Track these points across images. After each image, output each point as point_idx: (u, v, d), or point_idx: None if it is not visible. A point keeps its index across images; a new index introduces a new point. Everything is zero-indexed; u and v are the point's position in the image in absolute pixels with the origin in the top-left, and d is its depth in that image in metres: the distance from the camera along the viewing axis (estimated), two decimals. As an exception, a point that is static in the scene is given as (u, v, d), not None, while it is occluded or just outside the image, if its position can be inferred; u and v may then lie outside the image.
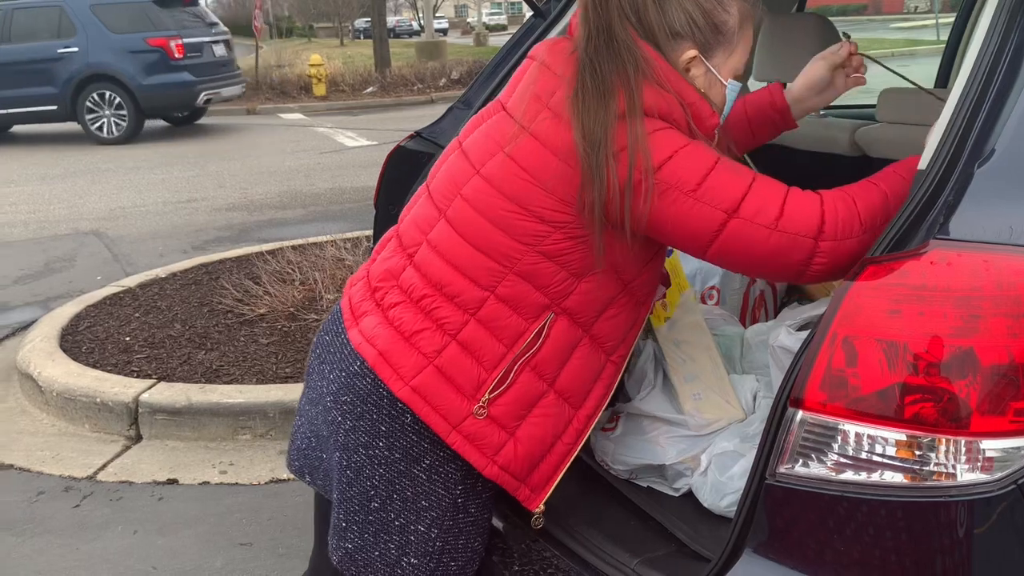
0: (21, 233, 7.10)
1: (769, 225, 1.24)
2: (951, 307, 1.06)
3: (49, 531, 2.97)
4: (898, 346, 1.07)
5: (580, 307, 1.36)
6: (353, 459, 1.44)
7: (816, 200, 1.27)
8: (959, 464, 1.05)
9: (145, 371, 3.85)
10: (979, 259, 1.07)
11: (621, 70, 1.29)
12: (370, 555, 1.46)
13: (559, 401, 1.39)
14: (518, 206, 1.33)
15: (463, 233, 1.38)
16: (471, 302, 1.36)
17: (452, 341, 1.37)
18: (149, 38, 11.83)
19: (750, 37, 1.41)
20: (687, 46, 1.34)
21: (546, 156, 1.31)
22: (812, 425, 1.11)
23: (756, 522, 1.17)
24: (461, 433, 1.37)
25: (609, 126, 1.26)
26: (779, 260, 1.27)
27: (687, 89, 1.33)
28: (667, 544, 1.48)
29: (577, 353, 1.39)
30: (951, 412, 1.05)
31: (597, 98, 1.28)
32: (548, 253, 1.33)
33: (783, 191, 1.28)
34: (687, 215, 1.26)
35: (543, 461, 1.41)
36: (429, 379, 1.38)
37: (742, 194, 1.26)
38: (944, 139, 1.18)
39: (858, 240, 1.25)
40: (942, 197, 1.14)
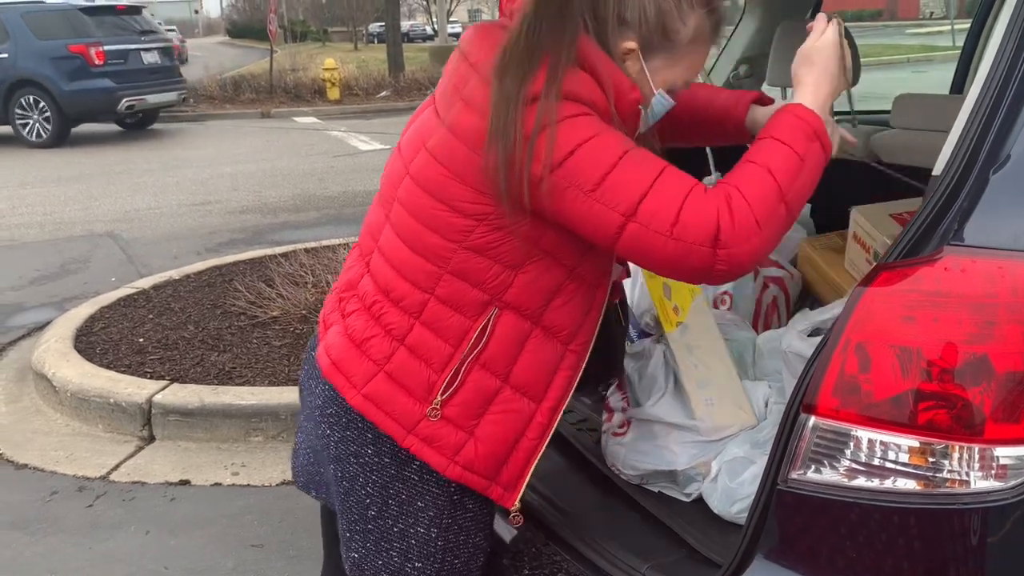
0: (37, 235, 7.15)
1: (664, 232, 1.19)
2: (966, 313, 1.05)
3: (62, 530, 2.98)
4: (912, 352, 1.07)
5: (523, 299, 1.33)
6: (347, 469, 1.44)
7: (713, 206, 1.19)
8: (973, 471, 1.04)
9: (158, 372, 3.87)
10: (994, 265, 1.06)
11: (556, 41, 1.24)
12: (375, 564, 1.46)
13: (516, 396, 1.37)
14: (440, 202, 1.31)
15: (401, 236, 1.38)
16: (414, 305, 1.36)
17: (400, 346, 1.38)
18: (70, 45, 12.14)
19: (700, 57, 1.36)
20: (630, 36, 1.30)
21: (457, 146, 1.29)
22: (824, 431, 1.11)
23: (767, 528, 1.17)
24: (417, 436, 1.37)
25: (521, 106, 1.22)
26: (680, 266, 1.21)
27: (611, 69, 1.29)
28: (678, 549, 1.48)
29: (529, 346, 1.36)
30: (965, 419, 1.05)
31: (520, 65, 1.23)
32: (476, 248, 1.30)
33: (683, 194, 1.20)
34: (586, 214, 1.22)
35: (510, 458, 1.39)
36: (380, 385, 1.38)
37: (640, 196, 1.20)
38: (959, 145, 1.17)
39: (758, 237, 1.19)
40: (957, 203, 1.14)
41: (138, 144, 12.57)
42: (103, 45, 12.23)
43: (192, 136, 13.32)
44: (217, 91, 17.13)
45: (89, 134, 12.93)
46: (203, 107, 16.39)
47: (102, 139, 12.38)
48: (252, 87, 17.33)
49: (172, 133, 13.81)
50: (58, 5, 12.86)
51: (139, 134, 13.62)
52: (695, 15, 1.32)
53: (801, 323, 1.41)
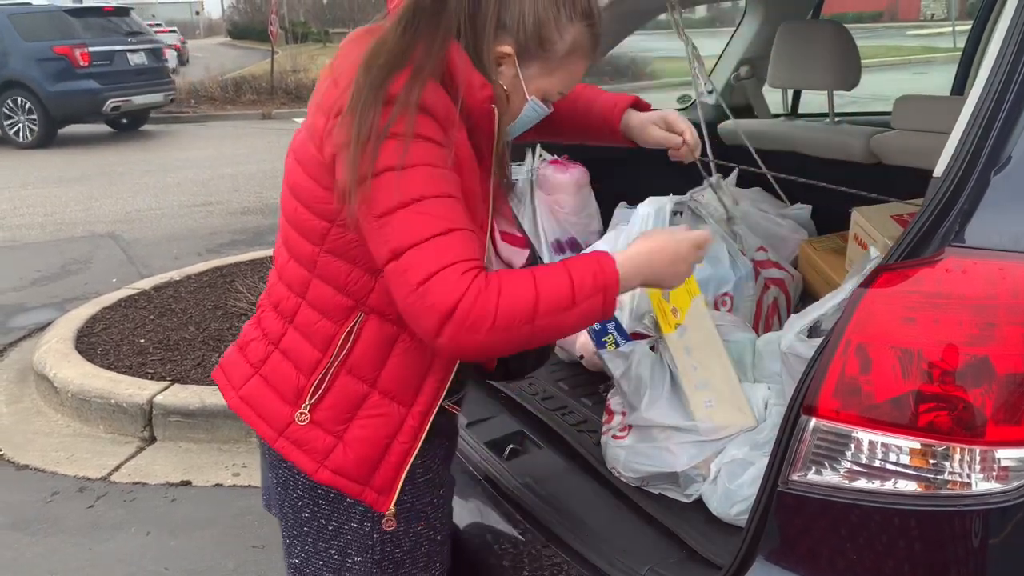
0: (38, 235, 7.16)
1: (411, 285, 1.19)
2: (966, 315, 1.05)
3: (63, 531, 2.99)
4: (913, 354, 1.07)
5: (386, 304, 1.32)
6: (279, 474, 1.46)
7: (462, 287, 1.19)
8: (974, 473, 1.04)
9: (159, 373, 3.87)
10: (995, 267, 1.06)
11: (428, 43, 1.24)
12: (315, 564, 1.46)
13: (385, 401, 1.37)
14: (301, 203, 1.33)
15: (285, 242, 1.41)
16: (288, 310, 1.39)
17: (275, 349, 1.41)
18: (56, 46, 12.21)
19: (576, 70, 1.36)
20: (507, 41, 1.30)
21: (309, 145, 1.31)
22: (825, 433, 1.11)
23: (768, 530, 1.16)
24: (287, 439, 1.38)
25: (380, 103, 1.21)
26: (412, 321, 1.22)
27: (467, 68, 1.27)
28: (678, 551, 1.47)
29: (396, 351, 1.35)
30: (966, 421, 1.04)
31: (388, 62, 1.23)
32: (335, 250, 1.32)
33: (446, 262, 1.19)
34: (367, 234, 1.23)
35: (382, 462, 1.38)
36: (255, 388, 1.42)
37: (411, 244, 1.20)
38: (960, 146, 1.17)
39: (487, 337, 1.19)
40: (958, 204, 1.13)
41: (139, 145, 12.59)
42: (88, 46, 12.33)
43: (193, 137, 13.34)
44: (218, 92, 17.15)
45: (88, 135, 12.95)
46: (204, 108, 16.41)
47: (102, 140, 12.38)
48: (253, 88, 17.34)
49: (173, 134, 13.82)
50: (44, 7, 12.99)
51: (140, 135, 13.65)
52: (574, 28, 1.32)
53: (798, 324, 1.41)
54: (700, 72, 2.38)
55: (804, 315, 1.41)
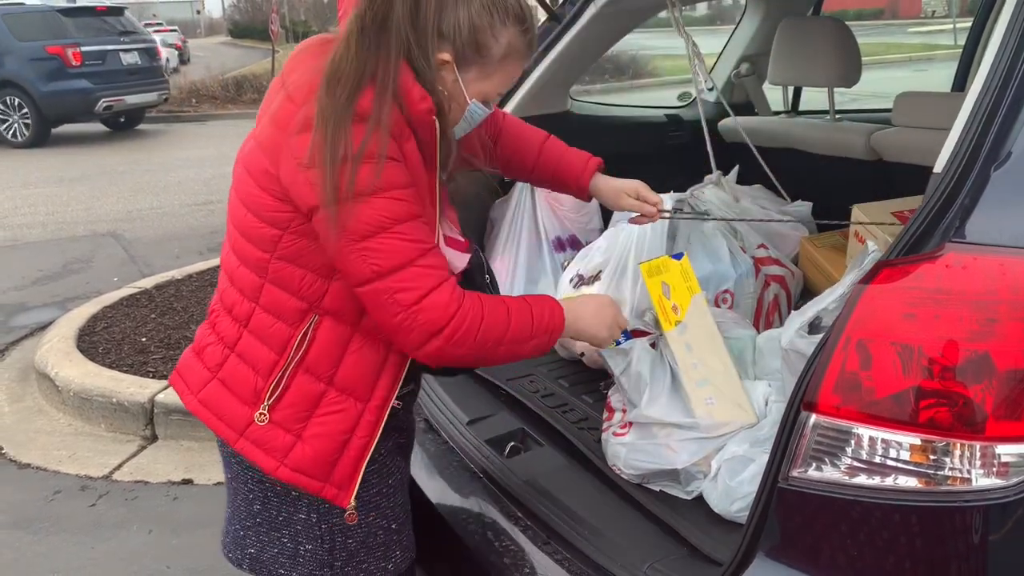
0: (39, 234, 7.17)
1: (403, 306, 1.29)
2: (967, 311, 1.05)
3: (65, 530, 2.99)
4: (913, 350, 1.07)
5: (339, 305, 1.37)
6: (231, 468, 1.52)
7: (454, 305, 1.32)
8: (974, 469, 1.04)
9: (161, 372, 3.88)
10: (995, 262, 1.06)
11: (384, 56, 1.28)
12: (271, 552, 1.50)
13: (342, 397, 1.41)
14: (252, 213, 1.36)
15: (233, 248, 1.43)
16: (242, 314, 1.42)
17: (231, 353, 1.44)
18: (48, 46, 12.25)
19: (513, 72, 1.41)
20: (446, 48, 1.34)
21: (260, 157, 1.34)
22: (825, 429, 1.11)
23: (768, 526, 1.17)
24: (247, 439, 1.41)
25: (350, 122, 1.25)
26: (397, 335, 1.33)
27: (406, 80, 1.31)
28: (679, 548, 1.47)
29: (351, 349, 1.40)
30: (966, 416, 1.04)
31: (349, 79, 1.26)
32: (287, 257, 1.35)
33: (435, 281, 1.31)
34: (345, 257, 1.29)
35: (341, 457, 1.42)
36: (213, 392, 1.45)
37: (399, 265, 1.28)
38: (960, 142, 1.17)
39: (465, 351, 1.34)
40: (958, 200, 1.13)
41: (140, 144, 12.60)
42: (81, 46, 12.36)
43: (194, 136, 13.34)
44: (219, 91, 17.16)
45: (85, 134, 12.96)
46: (205, 107, 16.43)
47: (102, 139, 12.40)
48: (254, 87, 17.34)
49: (174, 133, 13.83)
50: (37, 6, 13.05)
51: (141, 134, 13.67)
52: (508, 32, 1.36)
53: (798, 321, 1.41)
54: (700, 69, 2.38)
55: (804, 311, 1.42)
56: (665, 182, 2.21)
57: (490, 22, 1.34)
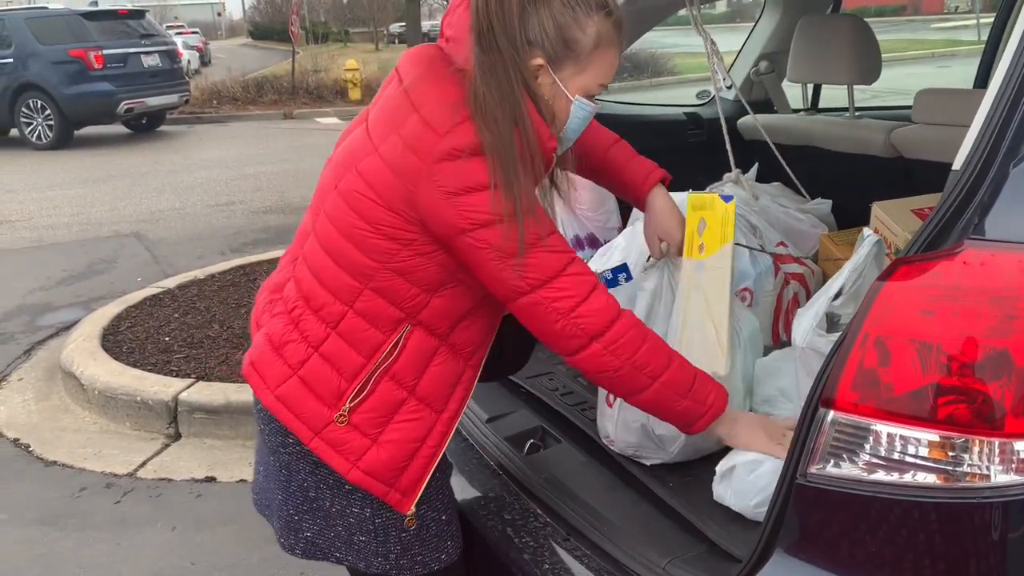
0: (64, 235, 7.26)
1: (563, 312, 1.34)
2: (985, 307, 1.05)
3: (91, 526, 3.04)
4: (931, 347, 1.06)
5: (435, 320, 1.41)
6: (281, 458, 1.51)
7: (615, 309, 1.37)
8: (993, 465, 1.04)
9: (184, 370, 3.92)
10: (1014, 259, 1.06)
11: (510, 92, 1.33)
12: (328, 536, 1.52)
13: (421, 407, 1.44)
14: (367, 224, 1.36)
15: (326, 248, 1.43)
16: (332, 316, 1.42)
17: (315, 353, 1.43)
18: (70, 49, 12.42)
19: (608, 61, 1.41)
20: (537, 54, 1.35)
21: (391, 178, 1.34)
22: (844, 425, 1.11)
23: (787, 522, 1.17)
24: (323, 439, 1.42)
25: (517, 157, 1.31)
26: (555, 340, 1.37)
27: (532, 111, 1.35)
28: (698, 544, 1.48)
29: (435, 361, 1.44)
30: (985, 413, 1.04)
31: (502, 118, 1.31)
32: (399, 270, 1.37)
33: (588, 287, 1.36)
34: (490, 271, 1.34)
35: (410, 465, 1.44)
36: (292, 389, 1.44)
37: (552, 275, 1.34)
38: (980, 139, 1.17)
39: (620, 363, 1.36)
40: (977, 197, 1.13)
41: (163, 145, 12.72)
42: (102, 49, 12.53)
43: (216, 137, 13.45)
44: (240, 92, 17.28)
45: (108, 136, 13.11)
46: (226, 108, 16.55)
47: (125, 141, 12.53)
48: (275, 88, 17.46)
49: (196, 134, 13.95)
50: (60, 11, 13.27)
51: (163, 135, 13.80)
52: (593, 21, 1.37)
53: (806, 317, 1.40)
54: (719, 67, 2.38)
55: (810, 306, 1.41)
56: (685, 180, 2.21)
57: (573, 16, 1.35)
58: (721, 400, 1.45)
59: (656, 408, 1.43)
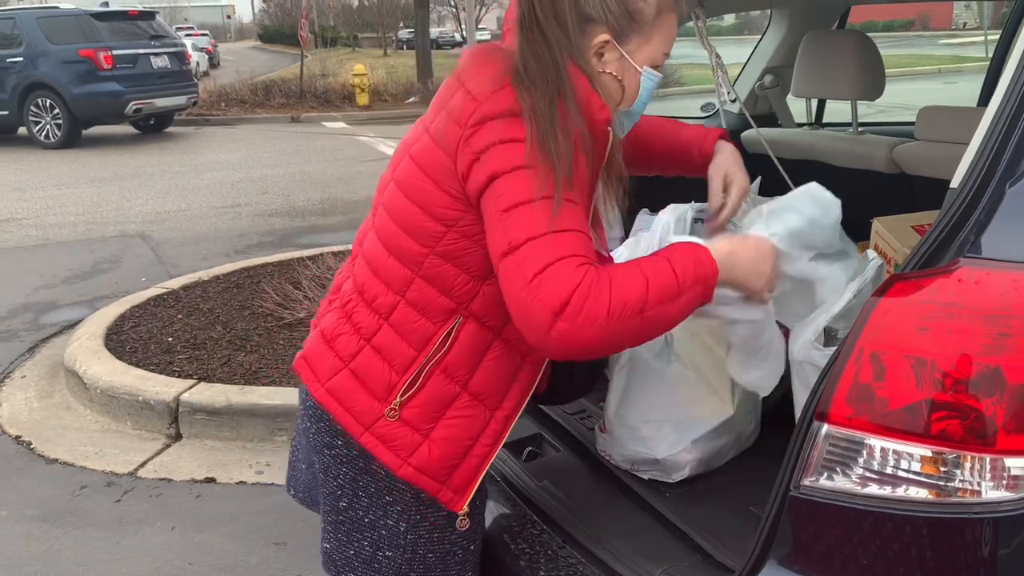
0: (70, 234, 7.29)
1: (525, 279, 1.21)
2: (979, 325, 1.06)
3: (91, 524, 3.05)
4: (926, 362, 1.08)
5: (487, 310, 1.38)
6: (322, 460, 1.50)
7: (575, 280, 1.21)
8: (984, 481, 1.05)
9: (186, 371, 3.94)
10: (1009, 278, 1.07)
11: (554, 67, 1.29)
12: (346, 554, 1.50)
13: (474, 403, 1.41)
14: (417, 206, 1.36)
15: (382, 239, 1.43)
16: (384, 307, 1.41)
17: (367, 345, 1.42)
18: (80, 49, 12.51)
19: (671, 27, 1.40)
20: (600, 30, 1.34)
21: (435, 151, 1.34)
22: (837, 439, 1.12)
23: (780, 534, 1.18)
24: (373, 434, 1.41)
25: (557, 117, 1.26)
26: (522, 317, 1.23)
27: (582, 83, 1.31)
28: (692, 554, 1.49)
29: (490, 355, 1.40)
30: (977, 429, 1.05)
31: (543, 84, 1.28)
32: (446, 254, 1.35)
33: (559, 255, 1.22)
34: (491, 227, 1.27)
35: (462, 463, 1.42)
36: (343, 382, 1.43)
37: (528, 238, 1.23)
38: (977, 157, 1.18)
39: (599, 329, 1.21)
40: (974, 215, 1.14)
41: (170, 146, 12.77)
42: (112, 50, 12.61)
43: (223, 139, 13.51)
44: (248, 95, 17.35)
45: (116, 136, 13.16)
46: (234, 111, 16.62)
47: (133, 141, 12.59)
48: (283, 92, 17.53)
49: (203, 136, 14.00)
50: (71, 11, 13.31)
51: (170, 136, 13.86)
52: None
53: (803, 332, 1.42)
54: (723, 81, 2.39)
55: (809, 322, 1.43)
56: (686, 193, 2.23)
57: None
58: (707, 265, 1.30)
59: (664, 326, 1.30)
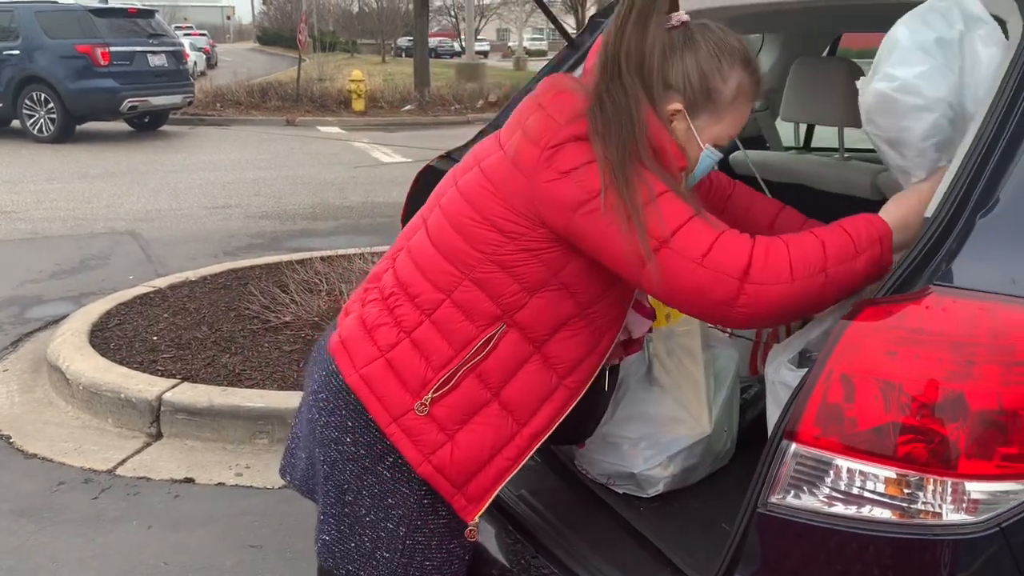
0: (59, 229, 7.27)
1: (695, 259, 1.26)
2: (946, 351, 1.09)
3: (67, 520, 3.04)
4: (893, 386, 1.10)
5: (532, 322, 1.40)
6: (328, 454, 1.51)
7: (748, 243, 1.28)
8: (945, 504, 1.07)
9: (170, 371, 3.93)
10: (976, 307, 1.10)
11: (628, 115, 1.34)
12: (346, 546, 1.52)
13: (502, 413, 1.43)
14: (478, 214, 1.39)
15: (433, 239, 1.45)
16: (428, 303, 1.43)
17: (406, 338, 1.44)
18: (78, 44, 12.51)
19: (743, 114, 1.43)
20: (676, 98, 1.38)
21: (509, 168, 1.38)
22: (805, 458, 1.14)
23: (747, 550, 1.20)
24: (400, 426, 1.42)
25: (632, 167, 1.32)
26: (703, 297, 1.28)
27: (660, 133, 1.37)
28: (662, 568, 1.51)
29: (526, 368, 1.42)
30: (941, 453, 1.08)
31: (618, 131, 1.33)
32: (502, 263, 1.38)
33: (717, 231, 1.30)
34: (623, 238, 1.30)
35: (481, 472, 1.43)
36: (378, 370, 1.45)
37: (677, 227, 1.29)
38: (951, 189, 1.21)
39: (786, 286, 1.25)
40: (946, 245, 1.18)
41: (164, 145, 12.76)
42: (109, 46, 12.61)
43: (217, 140, 13.50)
44: (244, 97, 17.34)
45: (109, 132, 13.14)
46: (230, 112, 16.61)
47: (126, 138, 12.57)
48: (279, 94, 17.53)
49: (198, 136, 13.99)
50: (69, 6, 13.30)
51: (165, 135, 13.85)
52: (736, 74, 1.40)
53: (781, 353, 1.45)
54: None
55: (787, 344, 1.46)
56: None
57: (718, 67, 1.38)
58: (875, 227, 1.32)
59: (852, 285, 1.30)
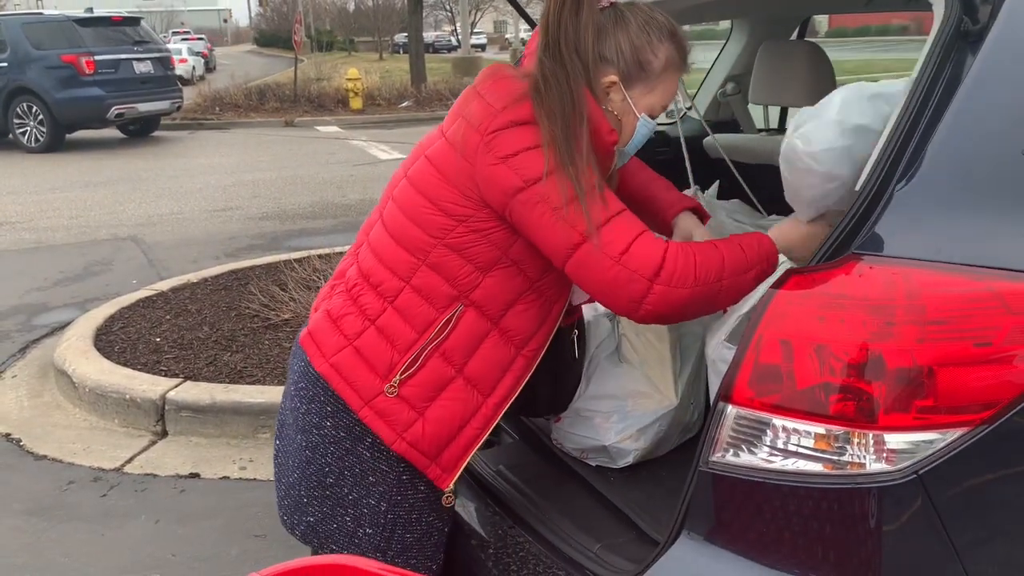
0: (63, 237, 7.38)
1: (613, 257, 1.37)
2: (868, 314, 1.17)
3: (77, 518, 3.14)
4: (822, 349, 1.19)
5: (487, 300, 1.50)
6: (310, 439, 1.61)
7: (661, 246, 1.39)
8: (868, 455, 1.16)
9: (173, 370, 4.03)
10: (892, 272, 1.18)
11: (569, 93, 1.42)
12: (329, 527, 1.61)
13: (468, 387, 1.53)
14: (429, 201, 1.48)
15: (389, 230, 1.54)
16: (390, 291, 1.52)
17: (371, 326, 1.54)
18: (63, 54, 12.66)
19: (672, 84, 1.54)
20: (611, 71, 1.48)
21: (452, 154, 1.47)
22: (741, 418, 1.23)
23: (694, 506, 1.29)
24: (372, 409, 1.52)
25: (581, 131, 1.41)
26: (615, 292, 1.38)
27: (595, 109, 1.45)
28: (628, 531, 1.60)
29: (486, 344, 1.52)
30: (866, 410, 1.16)
31: (560, 108, 1.41)
32: (454, 246, 1.47)
33: (637, 231, 1.40)
34: (546, 225, 1.40)
35: (452, 443, 1.53)
36: (347, 358, 1.54)
37: (598, 225, 1.38)
38: (877, 162, 1.29)
39: (689, 291, 1.38)
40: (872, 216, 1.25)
41: (163, 150, 12.86)
42: (94, 55, 12.73)
43: (216, 144, 13.59)
44: (242, 99, 17.43)
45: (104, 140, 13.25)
46: (228, 115, 16.70)
47: (125, 145, 12.68)
48: (277, 96, 17.61)
49: (197, 140, 14.09)
50: (55, 16, 13.49)
51: (164, 140, 13.96)
52: (664, 47, 1.51)
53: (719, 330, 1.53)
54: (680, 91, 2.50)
55: (725, 319, 1.54)
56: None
57: (648, 40, 1.49)
58: (767, 244, 1.47)
59: (739, 294, 1.46)
